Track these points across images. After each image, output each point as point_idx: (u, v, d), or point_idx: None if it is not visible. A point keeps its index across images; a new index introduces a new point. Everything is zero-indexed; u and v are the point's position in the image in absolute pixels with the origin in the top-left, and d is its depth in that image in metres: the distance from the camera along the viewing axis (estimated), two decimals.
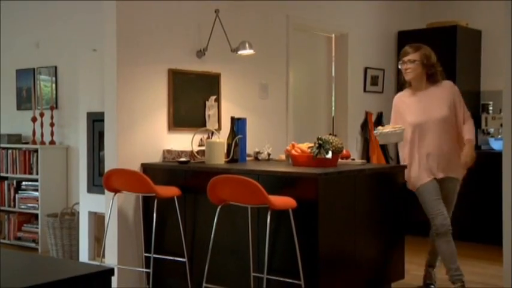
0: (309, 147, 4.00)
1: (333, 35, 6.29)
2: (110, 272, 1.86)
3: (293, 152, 4.12)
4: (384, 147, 6.41)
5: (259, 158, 4.71)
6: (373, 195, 4.05)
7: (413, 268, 4.70)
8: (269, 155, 4.71)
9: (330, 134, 5.08)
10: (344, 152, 4.24)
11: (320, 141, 3.82)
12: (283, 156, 4.51)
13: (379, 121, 6.49)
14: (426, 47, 4.14)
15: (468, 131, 4.13)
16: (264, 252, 3.54)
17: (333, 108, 6.36)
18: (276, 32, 5.54)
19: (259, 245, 3.77)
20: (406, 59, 4.12)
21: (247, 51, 4.86)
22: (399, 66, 4.20)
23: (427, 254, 4.40)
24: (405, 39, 6.62)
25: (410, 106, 4.16)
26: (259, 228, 3.76)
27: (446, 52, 6.33)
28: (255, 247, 3.81)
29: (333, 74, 6.34)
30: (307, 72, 6.22)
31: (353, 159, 4.51)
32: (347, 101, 6.27)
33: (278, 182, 3.74)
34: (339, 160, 4.10)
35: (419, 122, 4.11)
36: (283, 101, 5.60)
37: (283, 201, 3.50)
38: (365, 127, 6.44)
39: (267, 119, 5.40)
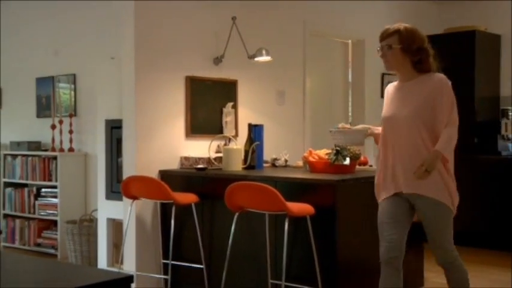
0: (326, 154, 3.99)
1: (350, 41, 6.28)
2: (130, 279, 1.87)
3: (310, 158, 4.11)
4: None
5: (277, 164, 4.71)
6: None
7: (433, 276, 4.65)
8: (286, 161, 4.71)
9: None
10: (362, 158, 4.22)
11: (337, 148, 3.81)
12: (300, 163, 4.50)
13: None
14: (408, 27, 3.24)
15: (441, 141, 3.10)
16: (281, 259, 3.53)
17: (350, 114, 6.34)
18: (292, 39, 5.55)
19: (277, 251, 3.77)
20: (383, 43, 3.25)
21: (264, 58, 4.87)
22: (379, 55, 3.32)
23: None
24: None
25: (390, 98, 3.32)
26: (276, 235, 3.75)
27: (465, 57, 6.29)
28: (273, 254, 3.80)
29: (350, 79, 6.32)
30: (323, 78, 6.21)
31: (371, 166, 4.49)
32: (364, 107, 6.25)
33: (296, 189, 3.73)
34: (357, 166, 4.09)
35: (387, 116, 3.27)
36: (300, 107, 5.59)
37: (301, 208, 3.49)
38: None
39: (284, 126, 5.40)
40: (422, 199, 3.15)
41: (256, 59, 4.88)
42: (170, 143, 4.57)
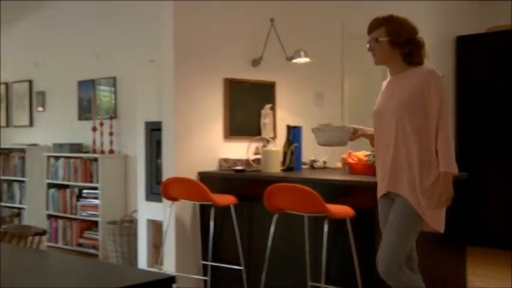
0: (366, 155, 3.96)
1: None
2: (171, 279, 1.89)
3: (350, 160, 4.08)
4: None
5: (315, 166, 4.69)
6: None
7: (475, 279, 4.57)
8: (325, 163, 4.69)
9: None
10: None
11: None
12: (339, 165, 4.48)
13: None
14: (396, 18, 3.09)
15: (442, 158, 2.90)
16: (321, 261, 3.51)
17: None
18: (330, 40, 5.52)
19: (316, 254, 3.75)
20: (370, 37, 3.10)
21: (303, 60, 4.85)
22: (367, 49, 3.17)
23: None
24: (464, 44, 6.48)
25: (382, 93, 3.21)
26: (316, 237, 3.74)
27: (507, 58, 6.15)
28: (312, 256, 3.79)
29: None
30: (362, 80, 6.16)
31: None
32: None
33: (335, 191, 3.71)
34: None
35: (374, 111, 3.16)
36: (338, 109, 5.56)
37: (341, 210, 3.47)
38: None
39: None
40: (398, 199, 2.98)
41: (294, 60, 4.87)
42: (209, 144, 4.60)
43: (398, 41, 3.01)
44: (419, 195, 2.91)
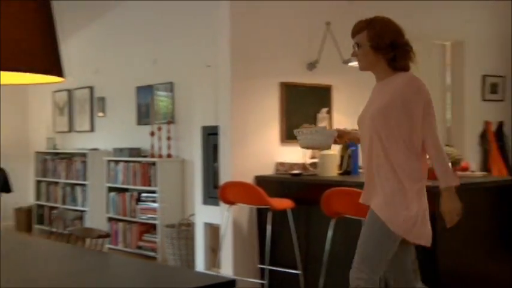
0: None
1: (448, 43, 6.08)
2: (232, 283, 1.91)
3: None
4: (507, 157, 6.09)
5: None
6: (495, 209, 3.84)
7: None
8: None
9: (447, 145, 4.90)
10: (462, 164, 4.07)
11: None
12: None
13: (500, 131, 6.17)
14: (379, 21, 2.91)
15: (438, 173, 2.73)
16: None
17: (449, 118, 6.13)
18: None
19: None
20: (353, 41, 2.95)
21: None
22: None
23: None
24: None
25: (368, 99, 3.05)
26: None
27: None
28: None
29: (448, 82, 6.12)
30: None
31: (472, 171, 4.32)
32: (464, 110, 6.03)
33: None
34: (457, 172, 3.94)
35: (358, 117, 3.00)
36: None
37: None
38: (484, 137, 6.15)
39: None
40: (371, 211, 2.82)
41: (350, 64, 4.83)
42: (265, 148, 4.62)
43: (381, 46, 2.82)
44: (400, 209, 2.71)
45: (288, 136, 4.71)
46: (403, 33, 2.89)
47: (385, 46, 2.82)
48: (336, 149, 4.55)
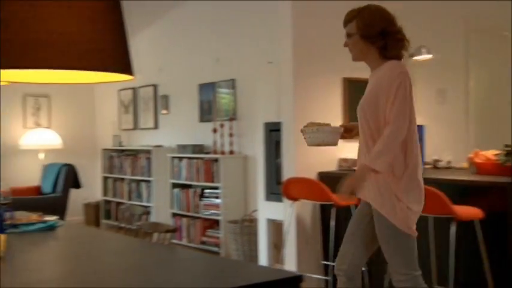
0: (495, 155, 3.77)
1: None
2: (299, 278, 1.91)
3: (477, 159, 3.91)
4: None
5: (438, 166, 4.53)
6: None
7: None
8: (449, 162, 4.52)
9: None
10: None
11: (509, 149, 3.58)
12: (464, 164, 4.30)
13: None
14: (368, 10, 2.88)
15: (373, 150, 2.72)
16: (447, 265, 3.39)
17: None
18: (452, 35, 5.31)
19: (442, 256, 3.62)
20: (345, 32, 2.97)
21: (424, 57, 4.72)
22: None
23: None
24: None
25: None
26: (441, 239, 3.61)
27: None
28: (438, 259, 3.66)
29: None
30: (487, 75, 5.87)
31: None
32: None
33: (461, 192, 3.57)
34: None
35: (358, 110, 2.97)
36: (462, 106, 5.34)
37: (469, 212, 3.33)
38: None
39: (445, 126, 5.19)
40: (373, 209, 2.81)
41: (415, 57, 4.74)
42: None
43: (370, 35, 2.80)
44: (395, 200, 2.74)
45: None
46: (395, 21, 2.85)
47: (375, 35, 2.80)
48: None
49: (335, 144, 3.18)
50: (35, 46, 1.77)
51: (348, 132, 3.16)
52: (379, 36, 2.80)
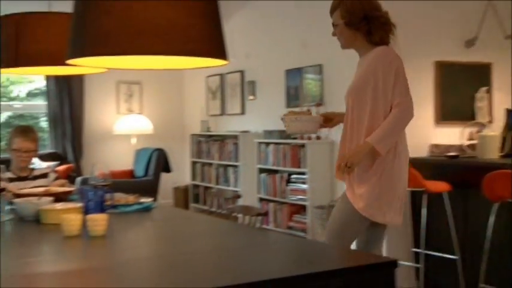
0: None
1: None
2: (394, 264, 1.89)
3: None
4: None
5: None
6: None
7: None
8: None
9: None
10: None
11: None
12: None
13: None
14: None
15: (377, 131, 2.72)
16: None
17: None
18: None
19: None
20: (332, 22, 2.99)
21: None
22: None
23: None
24: None
25: None
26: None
27: None
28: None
29: None
30: None
31: None
32: None
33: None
34: None
35: (345, 96, 2.99)
36: None
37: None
38: None
39: None
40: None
41: None
42: (419, 130, 4.48)
43: (354, 22, 2.84)
44: (358, 196, 2.83)
45: (443, 117, 4.54)
46: (378, 6, 2.86)
47: (359, 21, 2.83)
48: (496, 130, 4.30)
49: (314, 132, 3.28)
50: (138, 33, 1.84)
51: (328, 121, 3.19)
52: (362, 21, 2.83)
